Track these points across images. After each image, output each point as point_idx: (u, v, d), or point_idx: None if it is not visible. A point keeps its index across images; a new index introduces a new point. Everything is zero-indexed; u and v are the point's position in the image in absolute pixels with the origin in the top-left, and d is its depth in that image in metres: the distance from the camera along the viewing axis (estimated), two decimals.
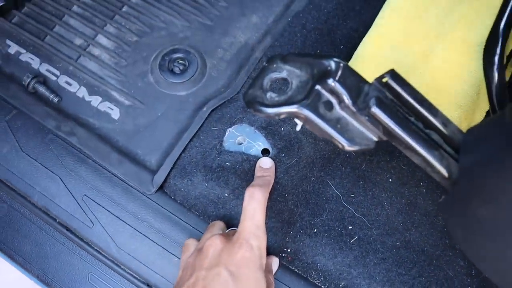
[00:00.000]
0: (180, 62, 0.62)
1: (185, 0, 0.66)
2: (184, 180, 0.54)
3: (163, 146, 0.58)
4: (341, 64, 0.36)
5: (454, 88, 0.54)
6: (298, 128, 0.46)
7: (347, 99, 0.35)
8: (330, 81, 0.36)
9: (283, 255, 0.54)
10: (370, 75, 0.44)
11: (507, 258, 0.33)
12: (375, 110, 0.34)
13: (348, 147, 0.37)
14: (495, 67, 0.35)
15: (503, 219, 0.31)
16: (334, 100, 0.36)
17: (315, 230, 0.55)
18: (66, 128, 0.57)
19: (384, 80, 0.36)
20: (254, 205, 0.45)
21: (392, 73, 0.36)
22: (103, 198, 0.54)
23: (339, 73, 0.36)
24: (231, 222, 0.53)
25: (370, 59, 0.53)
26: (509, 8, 0.39)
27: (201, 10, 0.66)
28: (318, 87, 0.36)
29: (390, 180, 0.57)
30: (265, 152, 0.54)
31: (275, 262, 0.52)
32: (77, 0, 0.66)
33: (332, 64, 0.36)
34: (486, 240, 0.34)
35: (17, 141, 0.56)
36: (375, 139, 0.37)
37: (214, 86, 0.61)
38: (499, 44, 0.38)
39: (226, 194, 0.52)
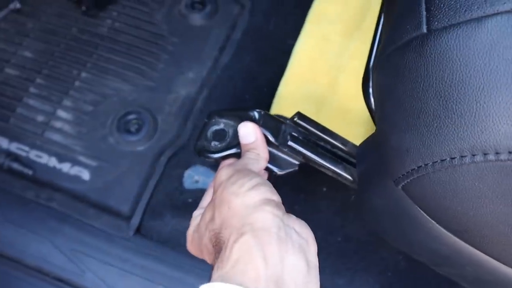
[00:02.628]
0: (134, 122, 0.76)
1: (128, 67, 0.80)
2: (156, 221, 0.67)
3: (133, 195, 0.70)
4: (262, 113, 0.52)
5: (358, 109, 0.71)
6: None
7: (270, 138, 0.50)
8: None
9: None
10: (290, 110, 0.59)
11: (397, 230, 0.49)
12: (291, 143, 0.49)
13: (279, 172, 0.52)
14: (371, 95, 0.52)
15: (387, 205, 0.47)
16: None
17: None
18: (44, 195, 0.69)
19: (294, 119, 0.51)
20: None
21: (299, 114, 0.52)
22: (89, 248, 0.66)
23: (262, 120, 0.51)
24: None
25: (288, 96, 0.69)
26: (374, 50, 0.57)
27: (144, 75, 0.80)
28: None
29: (324, 189, 0.73)
30: None
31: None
32: (32, 82, 0.78)
33: (256, 114, 0.52)
34: (384, 220, 0.50)
35: (2, 215, 0.67)
36: (297, 162, 0.53)
37: (167, 137, 0.75)
38: (371, 79, 0.54)
39: None
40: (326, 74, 0.73)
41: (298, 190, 0.73)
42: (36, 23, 0.84)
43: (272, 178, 0.54)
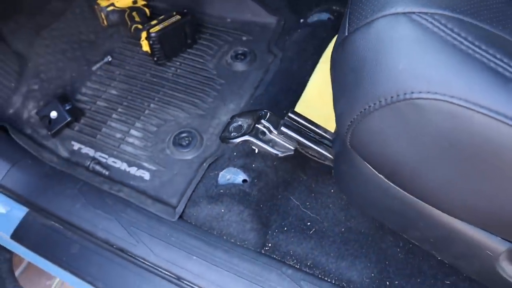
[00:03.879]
0: (186, 138, 1.01)
1: (185, 101, 1.08)
2: (195, 208, 0.89)
3: (180, 190, 0.94)
4: (268, 112, 0.75)
5: None
6: (256, 151, 0.82)
7: (272, 128, 0.73)
8: (263, 121, 0.74)
9: (266, 248, 0.86)
10: None
11: (359, 192, 0.68)
12: (283, 129, 0.71)
13: (279, 154, 0.74)
14: None
15: (349, 169, 0.67)
16: (266, 130, 0.73)
17: (285, 229, 0.88)
18: (116, 188, 0.94)
19: (289, 114, 0.74)
20: None
21: (292, 110, 0.74)
22: (144, 226, 0.89)
23: (267, 116, 0.74)
24: (226, 230, 0.87)
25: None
26: None
27: (196, 106, 1.07)
28: (257, 125, 0.74)
29: (332, 190, 0.91)
30: (244, 181, 0.90)
31: None
32: (115, 110, 1.08)
33: (263, 112, 0.75)
34: (350, 184, 0.69)
35: (85, 199, 0.93)
36: (293, 148, 0.74)
37: (209, 150, 0.99)
38: None
39: (222, 210, 0.87)
40: (331, 102, 0.95)
41: (310, 191, 0.92)
42: (121, 71, 1.16)
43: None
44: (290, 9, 1.26)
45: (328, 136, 0.73)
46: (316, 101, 0.95)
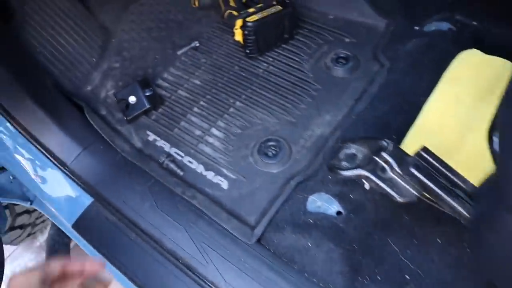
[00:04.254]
0: (272, 148, 0.90)
1: (275, 103, 0.96)
2: (277, 234, 0.78)
3: (260, 209, 0.82)
4: (390, 143, 0.61)
5: (484, 167, 0.75)
6: (367, 187, 0.69)
7: (394, 165, 0.59)
8: (384, 154, 0.61)
9: None
10: None
11: (499, 265, 0.54)
12: (413, 170, 0.58)
13: (398, 199, 0.60)
14: (494, 140, 0.59)
15: (502, 241, 0.53)
16: (386, 166, 0.60)
17: (379, 278, 0.75)
18: (189, 193, 0.85)
19: (420, 152, 0.60)
20: None
21: (424, 148, 0.60)
22: (216, 244, 0.78)
23: (388, 148, 0.61)
24: (310, 267, 0.75)
25: (414, 145, 0.77)
26: None
27: (288, 111, 0.95)
28: (375, 158, 0.61)
29: (439, 240, 0.77)
30: (338, 213, 0.77)
31: None
32: (196, 103, 0.98)
33: (384, 143, 0.61)
34: (498, 259, 0.55)
35: (155, 200, 0.84)
36: (416, 193, 0.60)
37: (298, 166, 0.87)
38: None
39: (309, 244, 0.75)
40: (454, 131, 0.80)
41: (413, 237, 0.78)
42: (208, 59, 1.06)
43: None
44: (404, 13, 1.10)
45: (465, 187, 0.59)
46: (435, 131, 0.80)
